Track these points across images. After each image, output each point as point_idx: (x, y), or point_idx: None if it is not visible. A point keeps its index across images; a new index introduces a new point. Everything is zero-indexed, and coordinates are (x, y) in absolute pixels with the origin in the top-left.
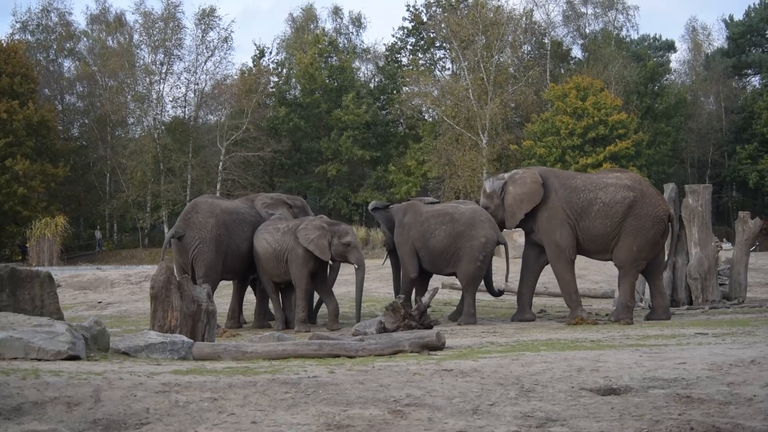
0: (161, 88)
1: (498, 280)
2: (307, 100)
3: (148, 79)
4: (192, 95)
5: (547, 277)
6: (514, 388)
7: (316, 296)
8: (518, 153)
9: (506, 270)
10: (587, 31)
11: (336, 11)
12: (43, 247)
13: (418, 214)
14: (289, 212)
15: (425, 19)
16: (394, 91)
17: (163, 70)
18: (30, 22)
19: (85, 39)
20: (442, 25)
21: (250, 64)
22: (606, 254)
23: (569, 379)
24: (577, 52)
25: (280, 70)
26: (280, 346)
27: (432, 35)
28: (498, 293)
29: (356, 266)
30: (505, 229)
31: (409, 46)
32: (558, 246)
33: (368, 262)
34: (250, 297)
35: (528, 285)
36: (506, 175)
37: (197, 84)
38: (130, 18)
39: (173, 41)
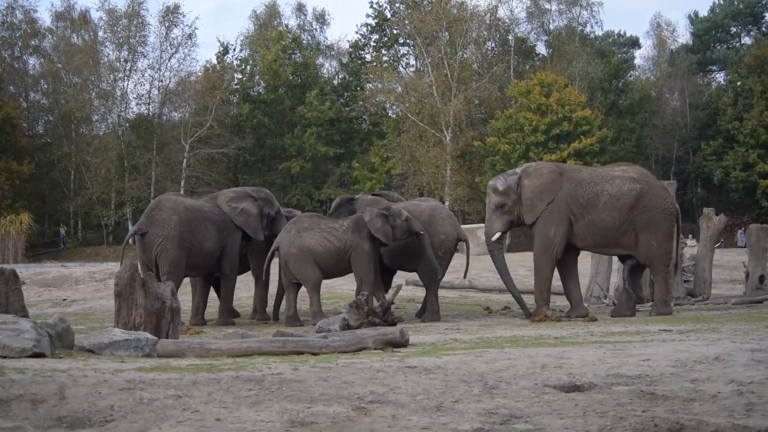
0: (125, 85)
1: (463, 277)
2: (271, 96)
3: (112, 76)
4: (156, 92)
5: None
6: (477, 385)
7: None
8: (482, 149)
9: (466, 266)
10: (551, 27)
11: (299, 8)
12: (7, 245)
13: None
14: (254, 204)
15: (389, 16)
16: (358, 88)
17: (128, 67)
18: None
19: (49, 36)
20: (406, 22)
21: (214, 61)
22: (615, 248)
23: (533, 376)
24: (541, 49)
25: (243, 66)
26: (244, 344)
27: (395, 32)
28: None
29: None
30: (525, 224)
31: (372, 43)
32: (549, 241)
33: None
34: (213, 294)
35: (572, 280)
36: (518, 170)
37: (161, 81)
38: (95, 15)
39: (137, 38)
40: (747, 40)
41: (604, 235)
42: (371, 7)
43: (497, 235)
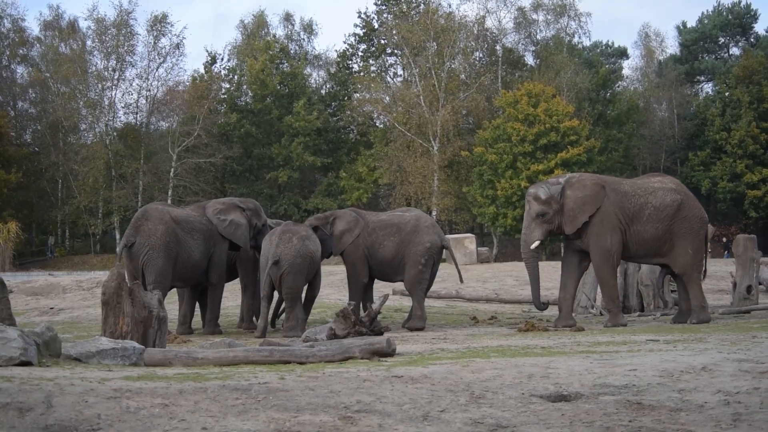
0: (113, 94)
1: (450, 287)
2: (258, 106)
3: (100, 86)
4: (144, 101)
5: (498, 284)
6: (464, 394)
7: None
8: (469, 159)
9: (458, 271)
10: (539, 37)
11: (287, 18)
12: None
13: (367, 224)
14: (242, 215)
15: (376, 26)
16: (346, 98)
17: (116, 77)
18: None
19: (38, 45)
20: (394, 32)
21: (202, 71)
22: (655, 258)
23: (519, 385)
24: (528, 59)
25: (231, 76)
26: (231, 353)
27: (383, 42)
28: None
29: None
30: (564, 234)
31: (360, 53)
32: (608, 251)
33: (323, 268)
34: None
35: (569, 291)
36: (561, 180)
37: (149, 90)
38: (83, 24)
39: (125, 47)
40: (735, 51)
41: (646, 246)
42: (359, 17)
43: (536, 243)
